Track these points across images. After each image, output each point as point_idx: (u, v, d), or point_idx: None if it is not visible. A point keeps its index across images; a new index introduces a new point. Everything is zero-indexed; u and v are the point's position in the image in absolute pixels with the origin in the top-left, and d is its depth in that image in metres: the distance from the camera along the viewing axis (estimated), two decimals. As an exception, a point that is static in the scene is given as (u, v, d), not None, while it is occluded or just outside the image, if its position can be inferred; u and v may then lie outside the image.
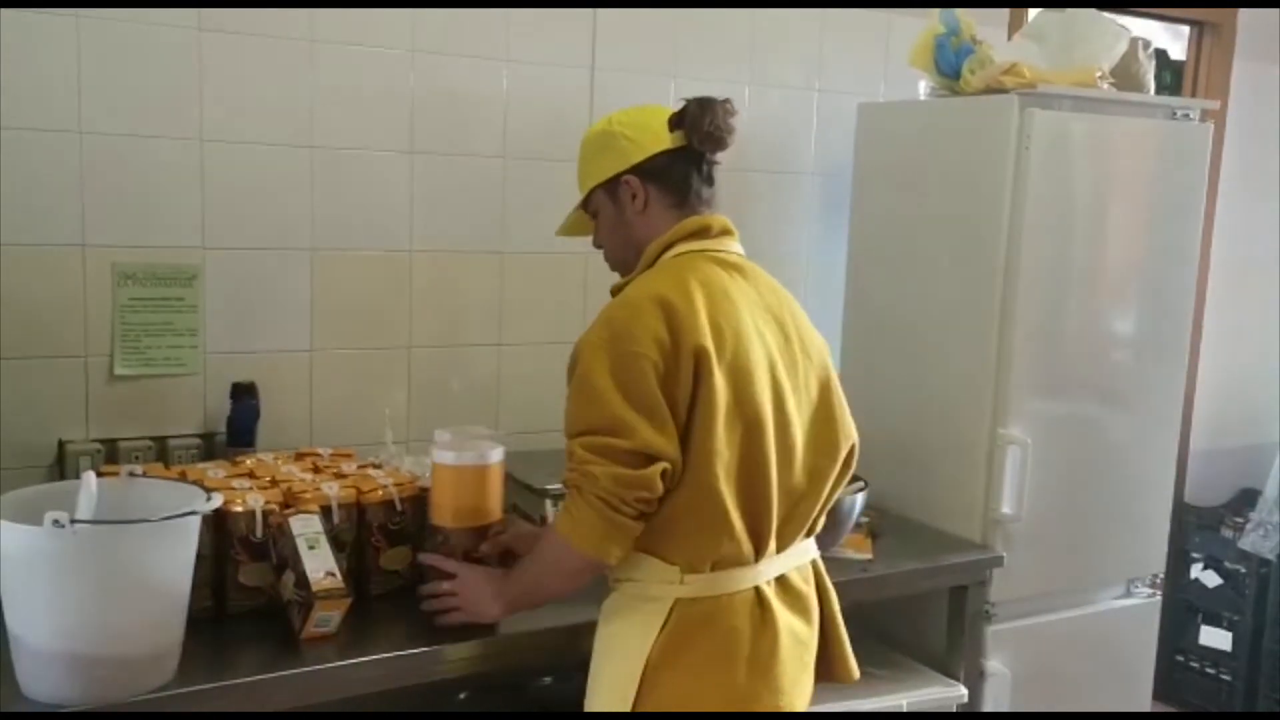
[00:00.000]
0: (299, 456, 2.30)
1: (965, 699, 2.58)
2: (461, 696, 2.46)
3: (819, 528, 1.95)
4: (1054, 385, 2.70)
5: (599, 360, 1.73)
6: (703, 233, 1.87)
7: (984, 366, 2.61)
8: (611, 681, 1.81)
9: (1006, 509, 2.63)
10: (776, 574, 1.85)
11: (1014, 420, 2.63)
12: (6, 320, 2.23)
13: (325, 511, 2.01)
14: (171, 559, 1.69)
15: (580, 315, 2.84)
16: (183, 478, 2.05)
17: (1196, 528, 3.95)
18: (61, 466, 2.28)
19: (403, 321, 2.65)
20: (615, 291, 1.89)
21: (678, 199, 1.88)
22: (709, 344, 1.72)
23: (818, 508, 1.91)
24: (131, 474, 1.89)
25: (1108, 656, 2.92)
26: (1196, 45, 3.86)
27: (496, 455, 2.05)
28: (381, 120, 2.56)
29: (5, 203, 2.20)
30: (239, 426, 2.38)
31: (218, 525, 1.92)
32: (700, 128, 1.85)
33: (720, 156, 1.90)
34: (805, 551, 1.93)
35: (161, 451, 2.36)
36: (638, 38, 2.84)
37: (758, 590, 1.81)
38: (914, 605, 2.63)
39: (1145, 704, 3.04)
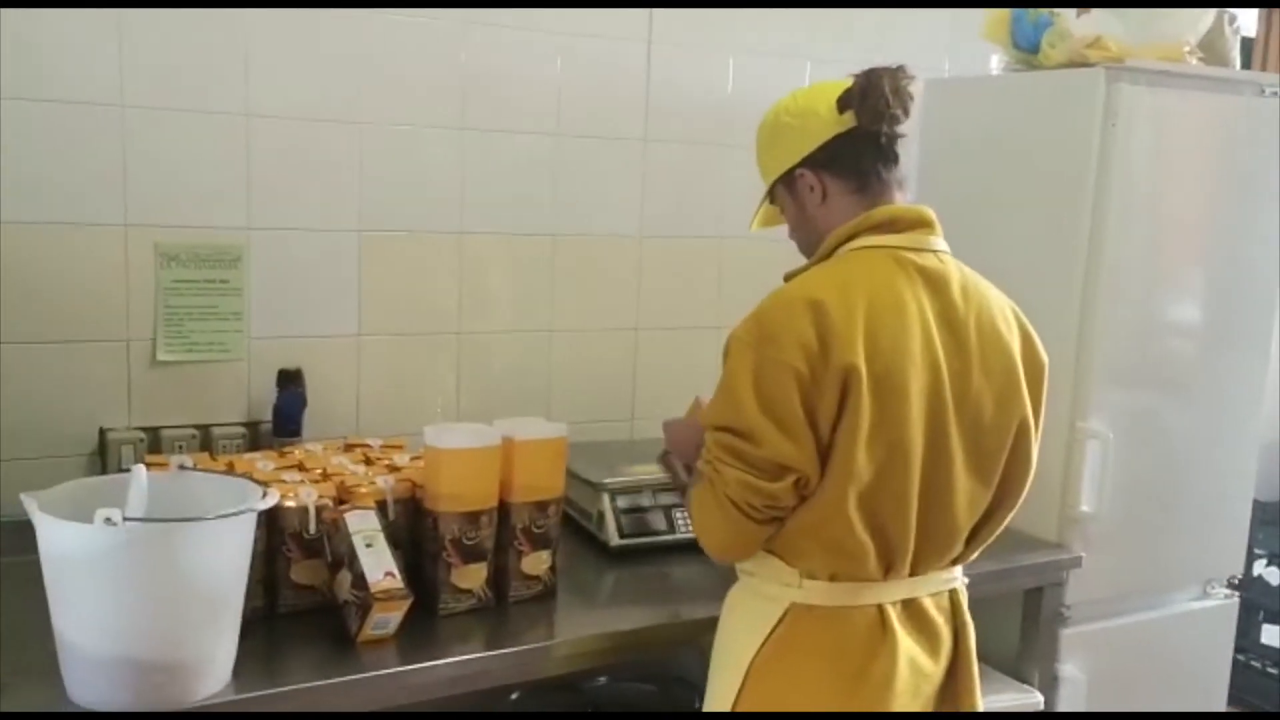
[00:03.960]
0: (348, 447, 2.19)
1: (1040, 705, 2.47)
2: (513, 696, 2.37)
3: (970, 558, 1.81)
4: (1136, 376, 2.57)
5: (744, 360, 1.61)
6: (891, 225, 1.70)
7: (1063, 357, 2.47)
8: (719, 677, 1.73)
9: (1085, 507, 2.51)
10: (905, 596, 1.71)
11: (1094, 413, 2.50)
12: (46, 302, 2.13)
13: (381, 507, 1.90)
14: (227, 559, 1.59)
15: (634, 301, 2.73)
16: (231, 470, 1.95)
17: (1261, 523, 3.80)
18: (103, 455, 2.18)
19: (452, 306, 2.54)
20: (788, 279, 1.74)
21: (858, 184, 1.73)
22: (860, 361, 1.57)
23: (974, 540, 1.77)
24: (182, 467, 1.78)
25: (1182, 660, 2.80)
26: (1266, 21, 3.72)
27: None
28: (431, 96, 2.45)
29: (45, 179, 2.10)
30: (285, 415, 2.27)
31: (269, 521, 1.82)
32: (869, 105, 1.69)
33: (904, 128, 1.73)
34: (946, 579, 1.78)
35: (205, 440, 2.26)
36: (695, 13, 2.71)
37: (880, 609, 1.68)
38: (985, 607, 2.47)
39: (1220, 708, 2.92)
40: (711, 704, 1.75)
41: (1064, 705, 2.56)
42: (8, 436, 2.11)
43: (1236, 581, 2.88)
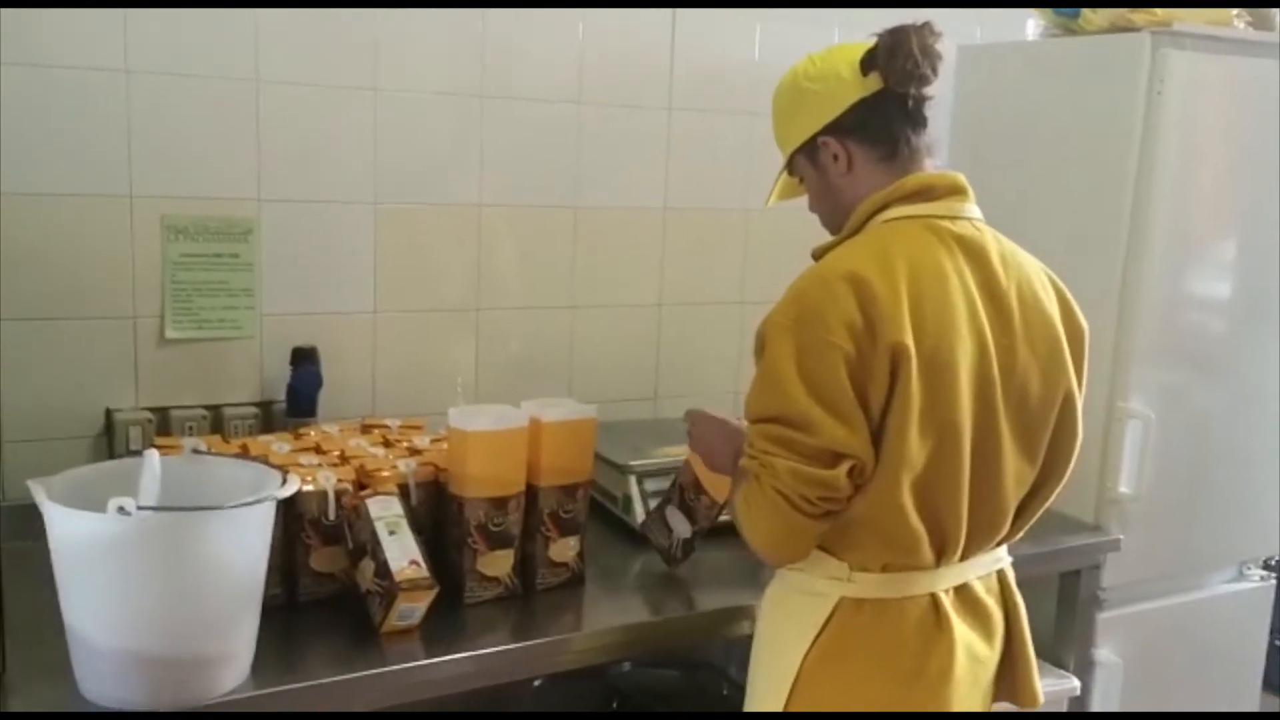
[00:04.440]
0: (365, 428, 2.11)
1: (1077, 690, 2.40)
2: (536, 683, 2.30)
3: (1016, 537, 1.73)
4: (1177, 354, 2.49)
5: (784, 345, 1.50)
6: (924, 194, 1.60)
7: (1103, 335, 2.38)
8: (766, 681, 1.63)
9: (1125, 488, 2.43)
10: (956, 582, 1.63)
11: (1135, 392, 2.42)
12: (47, 277, 2.03)
13: (403, 491, 1.82)
14: (247, 549, 1.51)
15: (657, 275, 2.64)
16: (245, 453, 1.87)
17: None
18: (110, 436, 2.10)
19: (470, 281, 2.44)
20: (817, 256, 1.64)
21: (886, 151, 1.63)
22: (908, 340, 1.47)
23: (1020, 519, 1.69)
24: (195, 451, 1.70)
25: (1218, 643, 2.73)
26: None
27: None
28: (450, 63, 2.35)
29: (46, 148, 2.00)
30: (300, 395, 2.19)
31: (287, 507, 1.73)
32: (896, 65, 1.58)
33: (932, 90, 1.63)
34: (994, 560, 1.71)
35: (216, 421, 2.17)
36: (720, -24, 2.61)
37: (933, 598, 1.60)
38: (1020, 590, 2.43)
39: (1255, 692, 2.85)
40: (758, 708, 1.66)
41: (1100, 690, 2.50)
42: (9, 417, 2.02)
43: (1273, 563, 2.81)
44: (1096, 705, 2.50)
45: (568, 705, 2.25)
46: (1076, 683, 2.39)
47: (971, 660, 1.64)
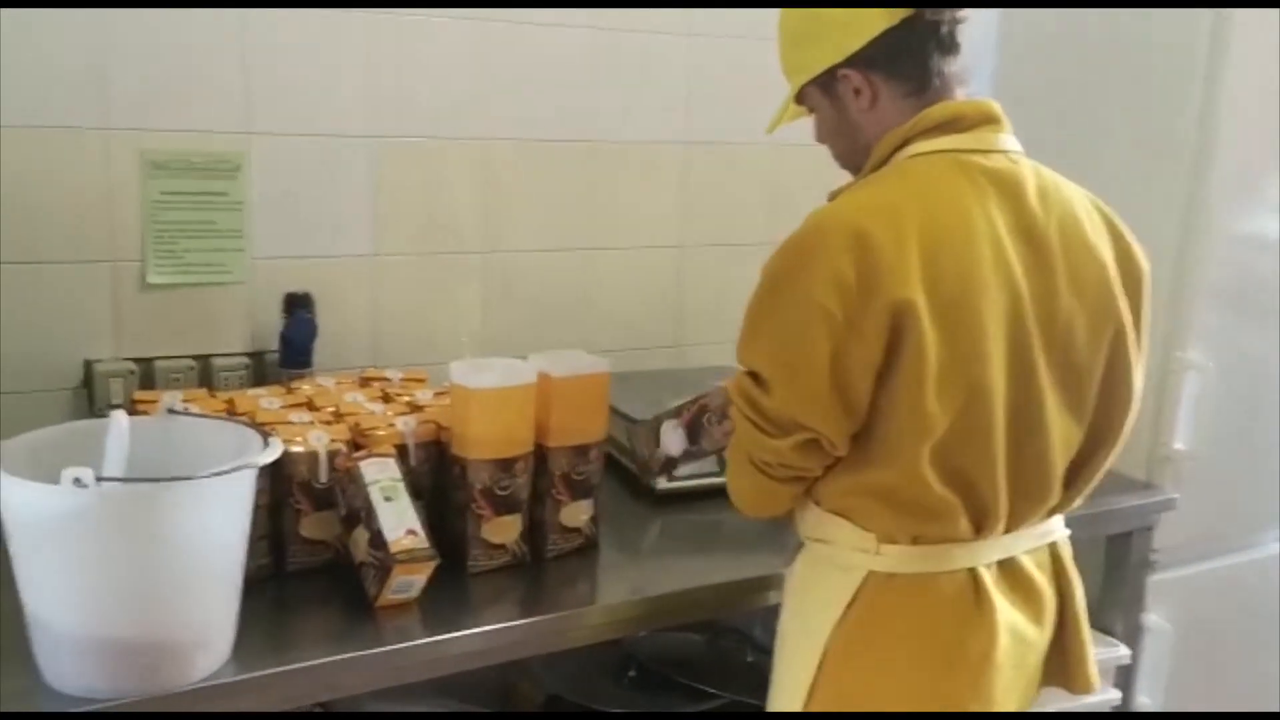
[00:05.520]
0: (364, 382, 1.96)
1: (1127, 658, 2.26)
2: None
3: (1074, 505, 1.58)
4: (1241, 302, 2.31)
5: (767, 295, 1.39)
6: (952, 124, 1.43)
7: (1160, 279, 2.18)
8: (791, 663, 1.50)
9: (1180, 444, 2.27)
10: (1000, 556, 1.48)
11: (1193, 342, 2.24)
12: (15, 217, 1.87)
13: (401, 452, 1.67)
14: (222, 523, 1.36)
15: (679, 215, 2.47)
16: (231, 410, 1.72)
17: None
18: (90, 389, 1.95)
19: (478, 222, 2.27)
20: (832, 197, 1.48)
21: (916, 84, 1.45)
22: (916, 295, 1.31)
23: (1073, 485, 1.53)
24: (171, 410, 1.55)
25: (1273, 607, 2.57)
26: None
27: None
28: (452, -20, 2.16)
29: (11, 75, 1.83)
30: (294, 345, 2.03)
31: (275, 469, 1.58)
32: None
33: (967, 11, 1.45)
34: (1044, 532, 1.55)
35: (205, 373, 2.02)
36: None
37: (973, 574, 1.44)
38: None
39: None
40: (782, 696, 1.52)
41: (1149, 657, 2.35)
42: (-21, 369, 1.88)
43: (1333, 522, 2.64)
44: (1145, 674, 2.36)
45: (579, 674, 2.12)
46: (1126, 650, 2.25)
47: (1016, 642, 1.49)
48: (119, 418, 1.38)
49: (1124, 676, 2.30)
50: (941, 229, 1.35)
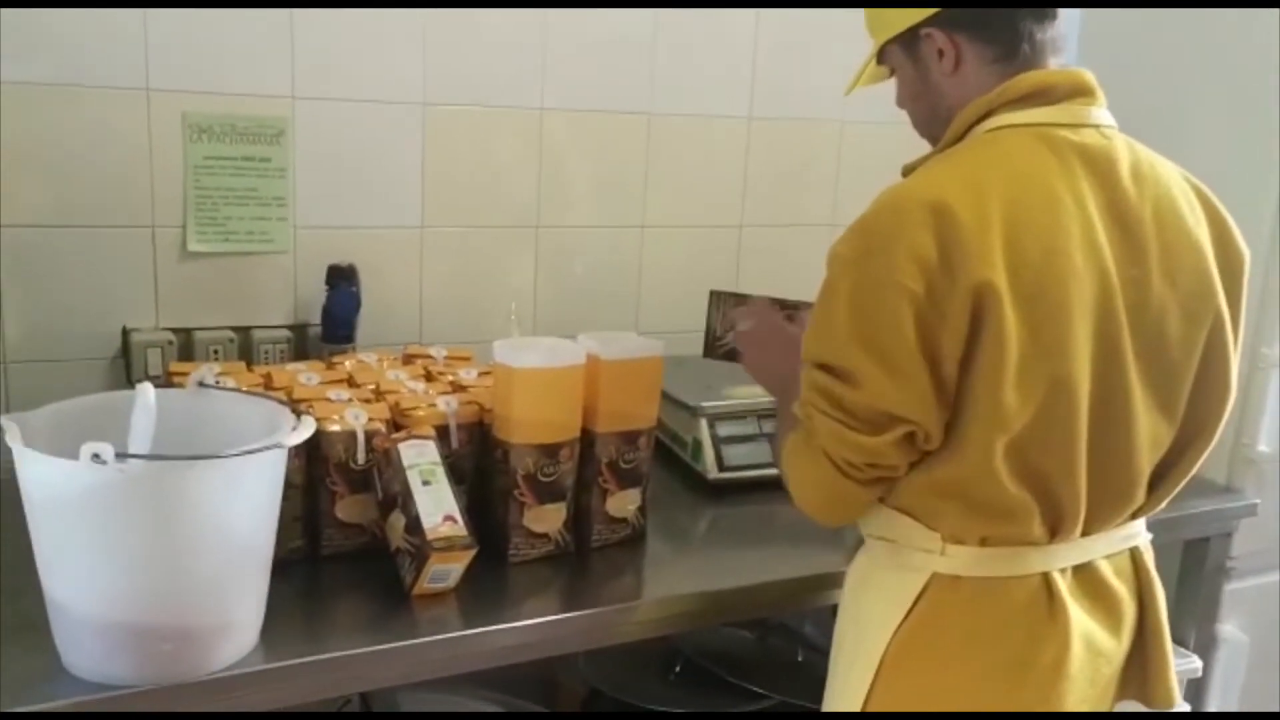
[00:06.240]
0: (407, 359, 1.89)
1: (1199, 670, 2.14)
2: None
3: (1159, 508, 1.47)
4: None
5: (842, 281, 1.27)
6: (1040, 96, 1.32)
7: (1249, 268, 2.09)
8: (848, 667, 1.41)
9: (1264, 446, 2.15)
10: (1076, 561, 1.37)
11: (1281, 337, 2.12)
12: (54, 179, 1.82)
13: (442, 433, 1.59)
14: (250, 503, 1.29)
15: (739, 192, 2.37)
16: (267, 385, 1.66)
17: None
18: (127, 359, 1.90)
19: (530, 195, 2.19)
20: (906, 173, 1.38)
21: (1004, 50, 1.35)
22: (998, 277, 1.21)
23: (1160, 487, 1.42)
24: (201, 384, 1.48)
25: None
26: None
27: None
28: (509, -55, 2.08)
29: (49, 32, 1.77)
30: (336, 319, 1.97)
31: (310, 449, 1.52)
32: None
33: None
34: (1125, 536, 1.44)
35: (245, 345, 1.96)
36: None
37: (1045, 579, 1.35)
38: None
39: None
40: (837, 700, 1.43)
41: (1222, 669, 2.24)
42: (15, 336, 1.82)
43: None
44: (1218, 687, 2.25)
45: (623, 668, 2.04)
46: (1198, 662, 2.14)
47: (1091, 653, 1.39)
48: (145, 390, 1.31)
49: (1195, 689, 2.19)
50: (1026, 209, 1.25)
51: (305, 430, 1.32)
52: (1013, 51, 1.34)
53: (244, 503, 1.28)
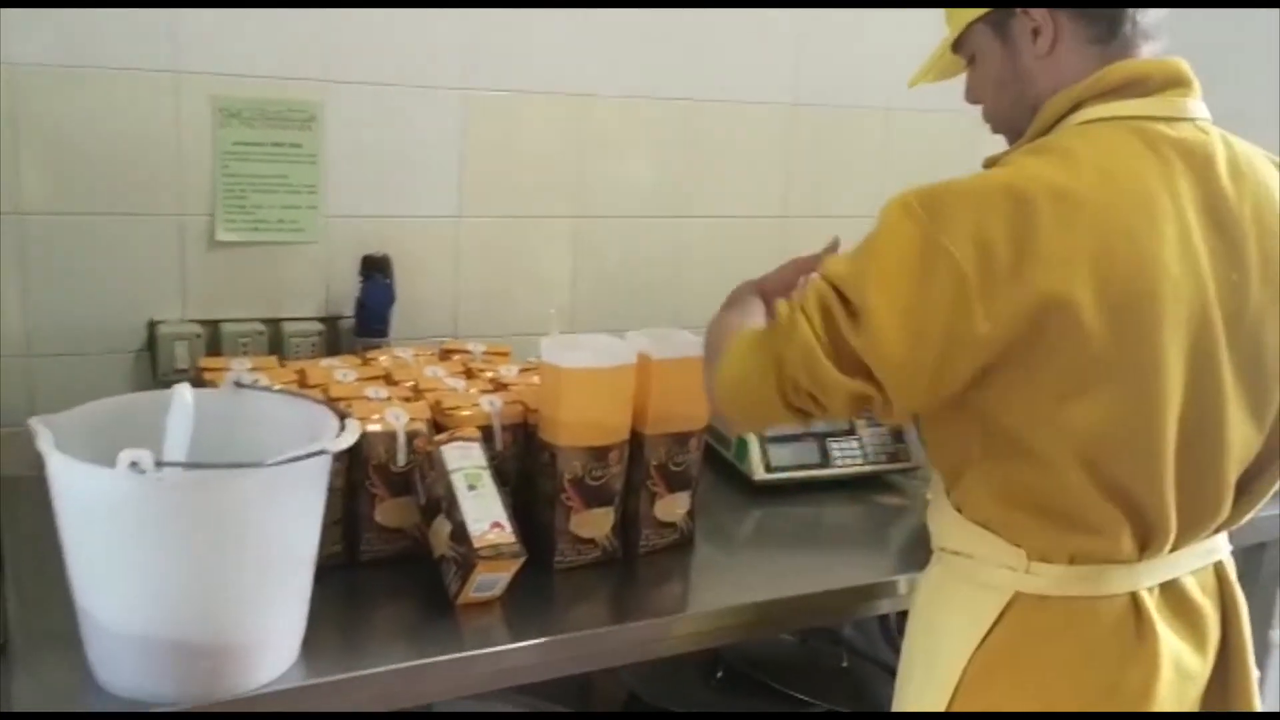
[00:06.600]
0: (444, 354, 1.81)
1: (1255, 678, 2.07)
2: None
3: (1243, 520, 1.39)
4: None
5: (900, 227, 1.16)
6: (1134, 87, 1.24)
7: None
8: (917, 692, 1.34)
9: (1324, 450, 2.07)
10: (1164, 578, 1.30)
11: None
12: (76, 165, 1.74)
13: (485, 434, 1.53)
14: (294, 513, 1.23)
15: (783, 182, 2.30)
16: (302, 382, 1.59)
17: None
18: (153, 352, 1.83)
19: (570, 184, 2.12)
20: (990, 165, 1.29)
21: (1105, 30, 1.26)
22: (1078, 289, 1.13)
23: (1244, 498, 1.35)
24: (238, 384, 1.41)
25: None
26: None
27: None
28: (550, -76, 2.00)
29: (69, 10, 1.69)
30: (370, 312, 1.90)
31: (350, 449, 1.44)
32: None
33: None
34: (1209, 550, 1.37)
35: (275, 338, 1.89)
36: None
37: (1134, 598, 1.28)
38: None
39: None
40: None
41: (1275, 677, 2.17)
42: (36, 328, 1.75)
43: None
44: (1272, 693, 2.18)
45: (663, 672, 1.97)
46: (1255, 670, 2.07)
47: (1180, 676, 1.31)
48: (182, 392, 1.25)
49: (1249, 698, 2.12)
50: (1120, 213, 1.17)
51: (350, 435, 1.25)
52: (1113, 32, 1.26)
53: (287, 512, 1.21)
